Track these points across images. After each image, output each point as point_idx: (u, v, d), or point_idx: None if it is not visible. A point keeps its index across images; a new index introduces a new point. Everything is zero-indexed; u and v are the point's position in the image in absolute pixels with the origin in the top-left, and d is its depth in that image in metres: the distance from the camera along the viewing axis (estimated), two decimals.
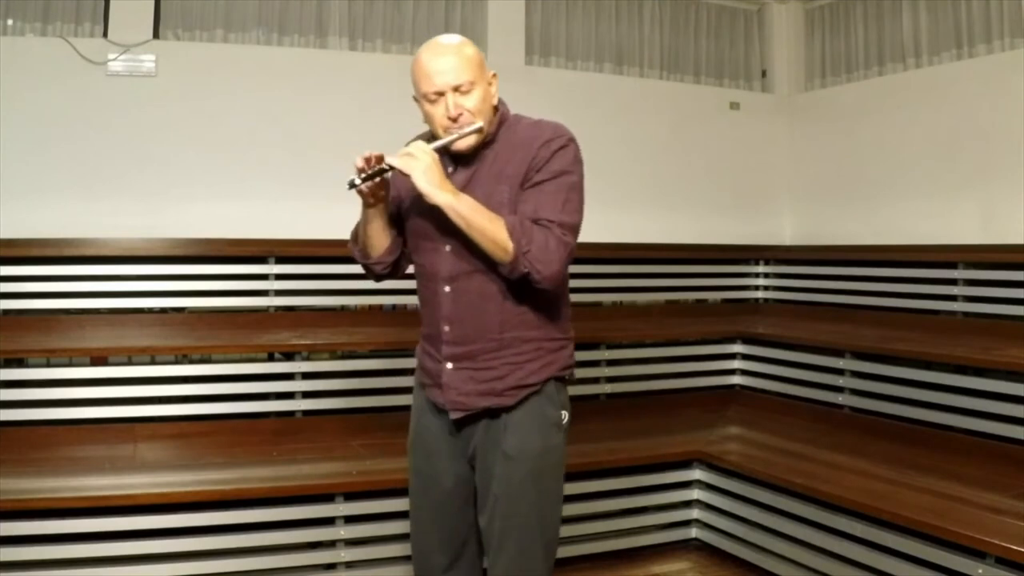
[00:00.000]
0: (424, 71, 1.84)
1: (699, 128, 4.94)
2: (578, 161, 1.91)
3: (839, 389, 3.67)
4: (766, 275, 4.86)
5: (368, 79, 4.19)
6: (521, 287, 1.89)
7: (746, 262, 4.87)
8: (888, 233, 4.44)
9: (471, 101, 1.84)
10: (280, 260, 3.86)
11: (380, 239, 2.00)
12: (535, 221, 1.82)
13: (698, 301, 4.82)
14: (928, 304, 3.92)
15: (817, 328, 4.12)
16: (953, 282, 3.79)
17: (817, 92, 5.08)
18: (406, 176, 1.80)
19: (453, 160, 1.93)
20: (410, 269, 2.10)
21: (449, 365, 1.95)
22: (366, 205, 1.93)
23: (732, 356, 4.25)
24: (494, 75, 1.93)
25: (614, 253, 4.51)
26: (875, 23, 4.74)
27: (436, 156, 1.81)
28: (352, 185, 1.82)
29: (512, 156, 1.89)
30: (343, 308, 4.08)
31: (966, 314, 3.74)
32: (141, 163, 3.87)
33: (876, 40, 4.74)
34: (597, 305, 4.56)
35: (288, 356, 3.54)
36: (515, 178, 1.87)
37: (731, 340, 4.24)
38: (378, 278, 2.12)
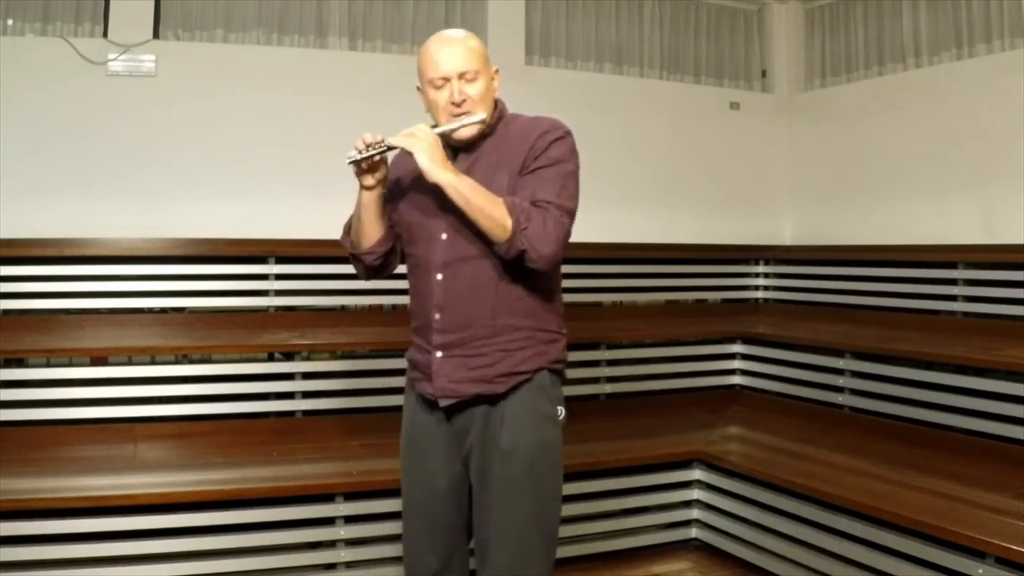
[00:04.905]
0: (432, 58, 1.89)
1: (699, 128, 4.94)
2: (574, 152, 1.94)
3: (839, 389, 3.66)
4: (766, 275, 4.86)
5: (368, 79, 4.18)
6: (514, 275, 1.90)
7: (746, 262, 4.87)
8: (888, 233, 4.44)
9: (474, 89, 1.89)
10: (280, 260, 3.86)
11: (374, 228, 2.00)
12: (533, 203, 1.84)
13: (698, 301, 4.83)
14: (928, 304, 3.92)
15: (817, 328, 4.12)
16: (953, 282, 3.80)
17: (817, 92, 5.08)
18: (408, 154, 1.83)
19: (453, 150, 1.95)
20: (400, 268, 2.10)
21: (439, 354, 1.93)
22: (365, 187, 1.94)
23: (732, 356, 4.24)
24: (496, 71, 1.97)
25: (614, 253, 4.51)
26: (875, 23, 4.74)
27: (437, 138, 1.85)
28: (352, 160, 1.86)
29: (511, 146, 1.92)
30: (343, 308, 4.08)
31: (966, 314, 3.74)
32: (141, 163, 3.87)
33: (876, 40, 4.73)
34: (597, 305, 4.56)
35: (288, 356, 3.54)
36: (514, 166, 1.90)
37: (731, 340, 4.24)
38: (368, 272, 2.10)
